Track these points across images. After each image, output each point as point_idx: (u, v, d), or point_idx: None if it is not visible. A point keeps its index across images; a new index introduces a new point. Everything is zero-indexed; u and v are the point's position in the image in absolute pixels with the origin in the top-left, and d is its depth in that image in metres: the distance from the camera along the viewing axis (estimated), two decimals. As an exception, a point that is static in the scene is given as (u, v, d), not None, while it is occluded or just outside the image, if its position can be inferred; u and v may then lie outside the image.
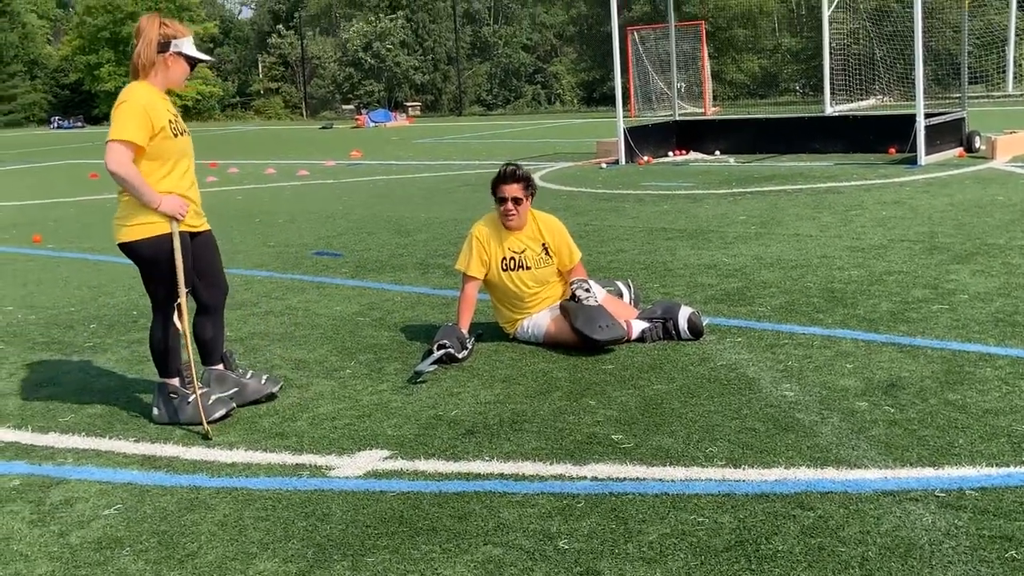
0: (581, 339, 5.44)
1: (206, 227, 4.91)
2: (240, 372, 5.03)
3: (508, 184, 5.71)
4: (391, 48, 48.88)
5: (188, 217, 4.69)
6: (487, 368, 5.33)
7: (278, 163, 19.94)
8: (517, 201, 5.72)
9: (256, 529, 3.57)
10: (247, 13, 67.67)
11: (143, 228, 4.60)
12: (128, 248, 4.66)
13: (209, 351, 4.98)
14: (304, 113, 51.02)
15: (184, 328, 4.71)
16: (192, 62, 4.76)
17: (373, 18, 49.66)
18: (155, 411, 4.79)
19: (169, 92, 4.79)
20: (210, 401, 4.71)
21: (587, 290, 5.66)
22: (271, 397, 4.98)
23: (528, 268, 5.76)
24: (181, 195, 4.65)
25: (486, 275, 5.79)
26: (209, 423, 4.57)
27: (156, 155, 4.58)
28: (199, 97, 53.58)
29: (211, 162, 20.96)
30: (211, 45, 58.67)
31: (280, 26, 55.76)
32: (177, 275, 4.61)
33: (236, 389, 4.90)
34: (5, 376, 5.72)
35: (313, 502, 3.76)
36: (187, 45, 4.71)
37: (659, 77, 28.09)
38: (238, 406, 4.85)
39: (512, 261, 5.75)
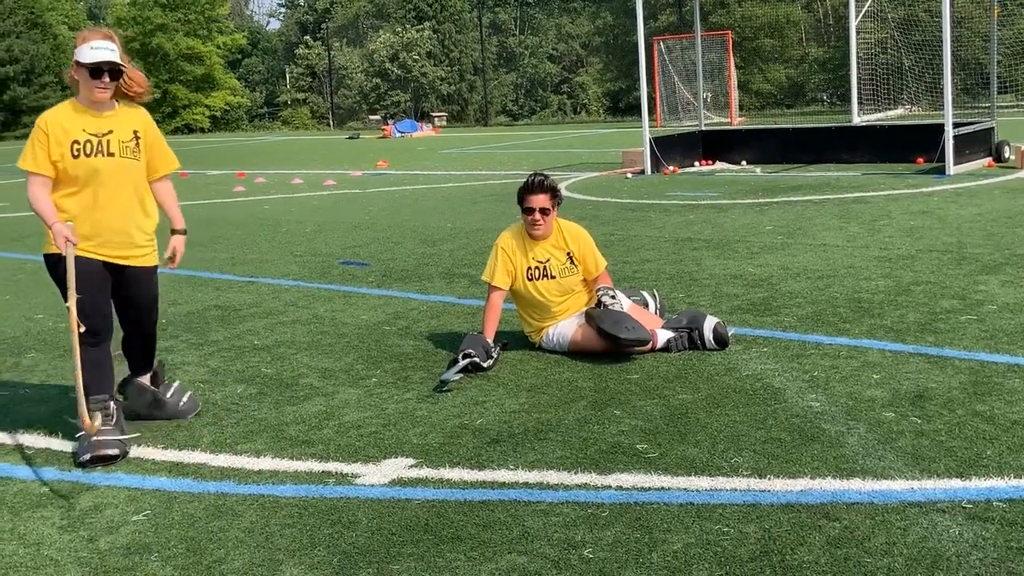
0: (606, 339, 5.45)
1: (141, 263, 4.75)
2: (164, 387, 4.97)
3: (535, 194, 5.73)
4: (417, 59, 49.07)
5: (106, 247, 4.56)
6: (512, 377, 5.35)
7: (305, 173, 20.06)
8: (544, 211, 5.73)
9: (282, 536, 3.59)
10: (275, 24, 68.19)
11: (48, 245, 4.55)
12: (48, 261, 4.63)
13: (134, 364, 4.94)
14: (331, 123, 51.29)
15: (75, 354, 4.33)
16: (91, 68, 4.44)
17: (400, 29, 49.88)
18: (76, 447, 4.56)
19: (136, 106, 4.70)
20: (103, 437, 4.41)
21: (613, 297, 5.68)
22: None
23: (553, 277, 5.77)
24: (88, 218, 4.49)
25: (511, 285, 5.81)
26: (84, 462, 4.36)
27: (63, 176, 4.48)
28: (227, 107, 53.97)
29: (239, 172, 21.12)
30: (239, 56, 59.15)
31: (307, 37, 56.12)
32: (68, 299, 4.33)
33: (152, 406, 4.89)
34: (36, 383, 5.79)
35: (339, 510, 3.78)
36: (83, 51, 4.44)
37: (685, 87, 28.05)
38: (158, 418, 4.85)
39: (537, 270, 5.77)
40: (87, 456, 4.37)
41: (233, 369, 5.83)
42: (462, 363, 5.30)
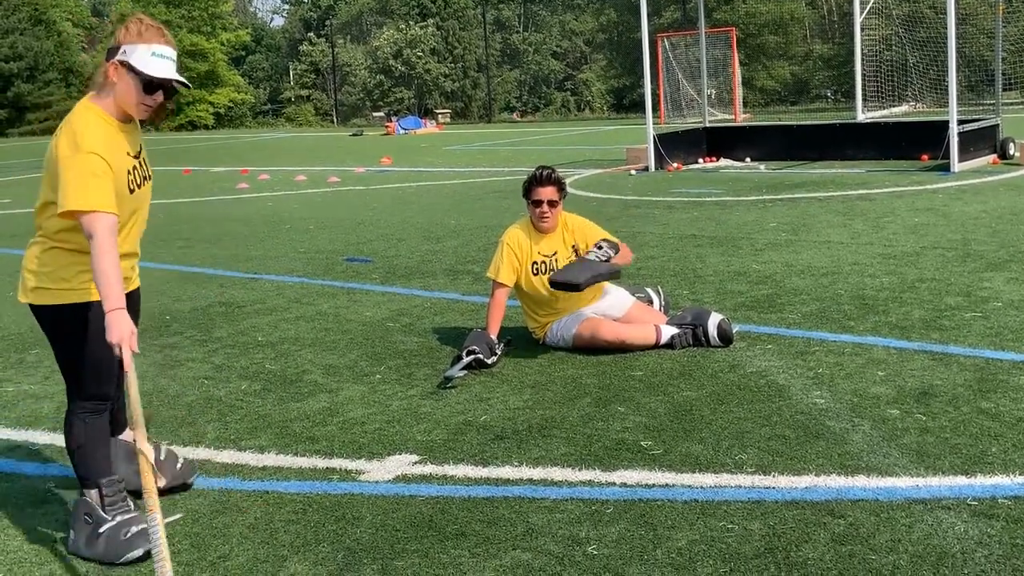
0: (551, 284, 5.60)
1: (137, 283, 3.82)
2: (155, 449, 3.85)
3: (543, 186, 5.73)
4: (421, 55, 49.09)
5: (126, 283, 3.50)
6: (516, 374, 5.34)
7: (309, 170, 20.06)
8: (552, 203, 5.74)
9: (287, 532, 3.60)
10: (279, 21, 68.19)
11: (69, 294, 3.52)
12: (47, 313, 3.56)
13: (117, 420, 3.90)
14: (335, 120, 51.31)
15: (131, 391, 3.38)
16: (146, 81, 3.43)
17: (404, 26, 49.91)
18: (71, 536, 3.58)
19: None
20: (129, 534, 3.50)
21: (600, 247, 5.65)
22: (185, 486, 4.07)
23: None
24: (122, 255, 3.46)
25: (516, 281, 5.80)
26: (121, 563, 3.46)
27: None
28: (231, 104, 54.00)
29: (242, 169, 21.13)
30: (243, 53, 59.16)
31: (311, 34, 56.16)
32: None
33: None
34: (40, 380, 5.79)
35: (343, 506, 3.78)
36: (139, 54, 3.42)
37: (689, 84, 28.03)
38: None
39: (543, 265, 5.77)
40: (133, 555, 3.47)
41: (237, 365, 5.84)
42: (466, 360, 5.30)
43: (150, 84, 3.44)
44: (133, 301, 3.67)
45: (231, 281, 8.41)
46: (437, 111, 44.71)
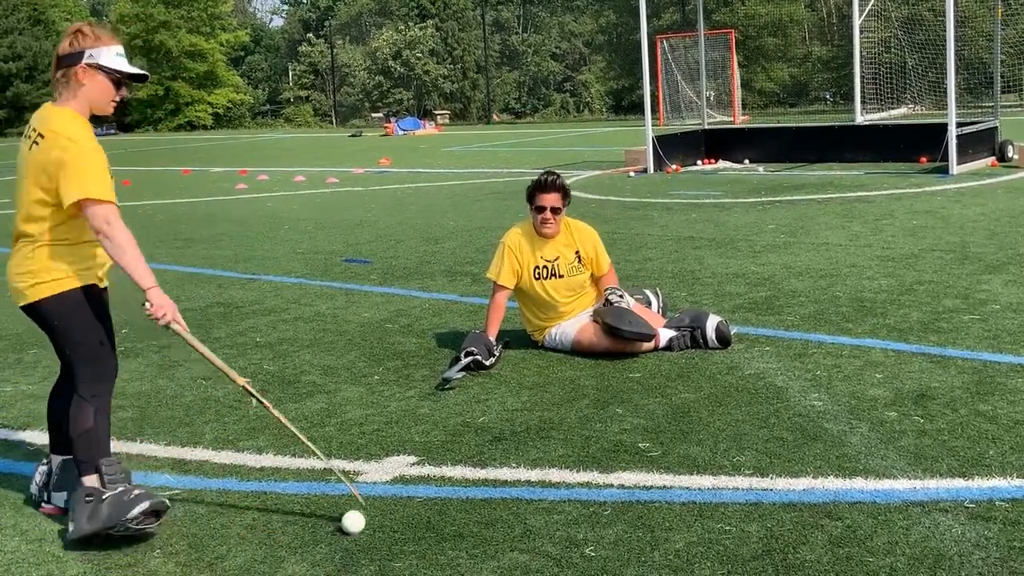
0: (610, 334, 5.45)
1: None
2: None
3: (548, 193, 5.72)
4: (420, 56, 49.10)
5: (100, 269, 3.81)
6: (515, 375, 5.34)
7: (307, 171, 20.06)
8: (555, 210, 5.73)
9: (284, 533, 3.60)
10: (278, 22, 68.21)
11: (61, 283, 3.66)
12: (46, 307, 3.67)
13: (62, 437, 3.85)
14: (333, 121, 51.32)
15: (201, 349, 3.88)
16: (116, 78, 3.69)
17: (403, 27, 49.93)
18: (70, 526, 3.61)
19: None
20: (132, 495, 3.59)
21: (620, 296, 5.70)
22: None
23: (561, 276, 5.77)
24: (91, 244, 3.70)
25: (516, 284, 5.80)
26: (129, 522, 3.54)
27: None
28: (230, 105, 53.98)
29: (241, 169, 21.12)
30: (242, 54, 59.18)
31: (310, 35, 56.17)
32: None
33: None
34: (39, 380, 5.79)
35: (341, 507, 3.78)
36: (106, 55, 3.66)
37: (688, 85, 28.04)
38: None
39: (545, 269, 5.76)
40: (139, 509, 3.55)
41: (235, 366, 5.83)
42: (464, 361, 5.30)
43: (119, 81, 3.70)
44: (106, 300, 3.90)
45: (229, 282, 8.41)
46: (436, 112, 44.71)
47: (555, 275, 5.75)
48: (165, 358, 6.06)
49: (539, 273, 5.75)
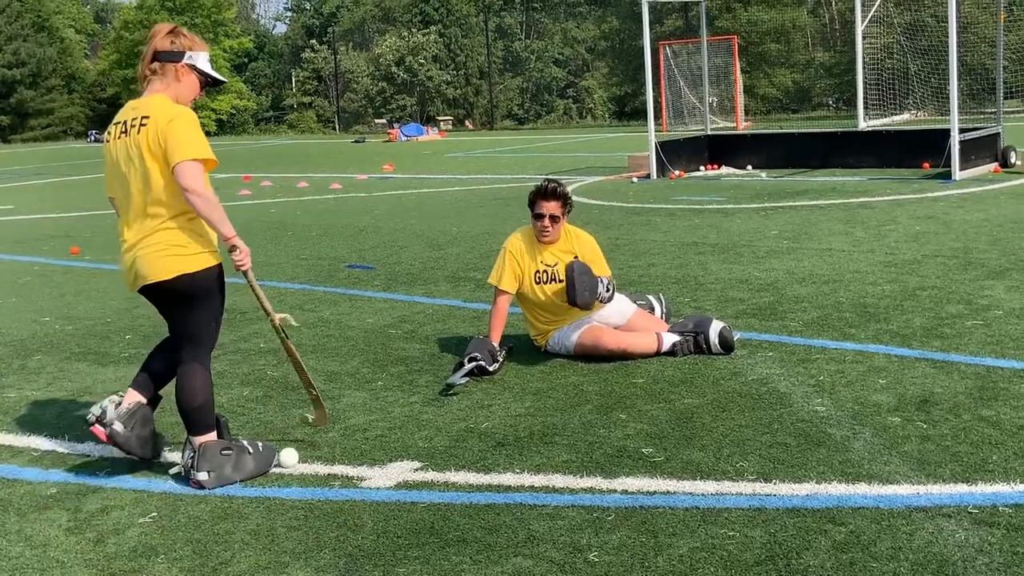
0: (567, 287, 5.56)
1: None
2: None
3: (548, 200, 5.72)
4: (423, 62, 49.13)
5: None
6: (518, 381, 5.35)
7: (311, 176, 20.08)
8: (554, 219, 5.73)
9: (288, 539, 3.60)
10: (281, 28, 68.34)
11: (201, 258, 4.18)
12: (185, 281, 4.14)
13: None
14: (337, 127, 51.36)
15: (293, 353, 4.52)
16: (203, 80, 4.28)
17: (406, 33, 49.96)
18: (203, 475, 4.11)
19: None
20: (263, 447, 4.28)
21: (607, 288, 5.68)
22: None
23: (561, 281, 5.77)
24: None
25: (518, 288, 5.81)
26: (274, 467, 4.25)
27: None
28: (234, 111, 54.05)
29: (244, 176, 21.15)
30: (246, 60, 59.25)
31: (314, 41, 56.21)
32: (260, 299, 4.42)
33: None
34: (43, 386, 5.80)
35: (345, 512, 3.79)
36: (202, 60, 4.26)
37: (691, 91, 28.04)
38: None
39: (545, 274, 5.77)
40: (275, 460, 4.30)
41: (239, 372, 5.85)
42: (468, 367, 5.31)
43: (205, 83, 4.28)
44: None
45: (233, 288, 8.34)
46: (439, 118, 44.74)
47: (555, 280, 5.76)
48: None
49: (539, 278, 5.76)
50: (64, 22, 59.26)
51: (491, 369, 5.40)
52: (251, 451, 4.21)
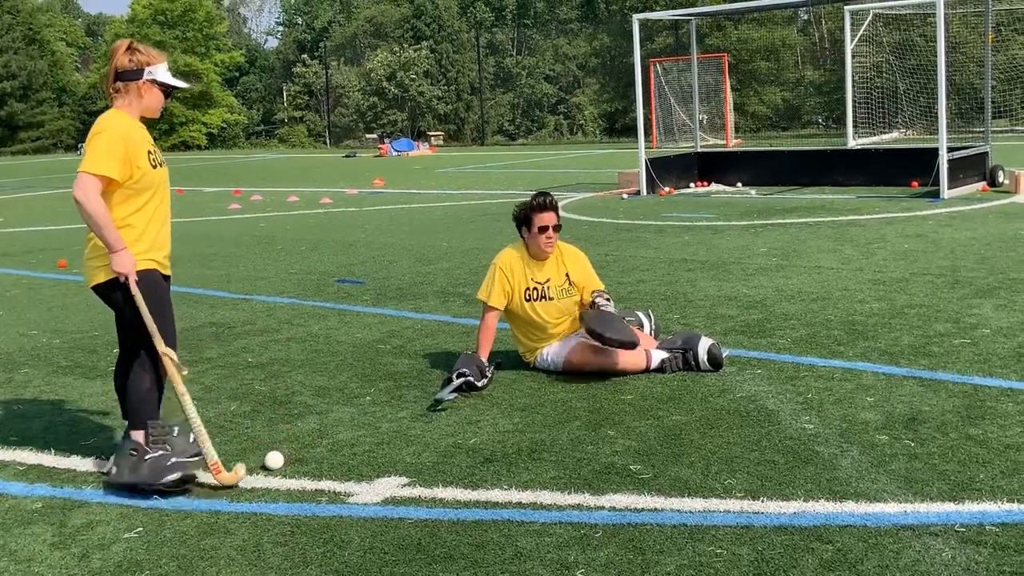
0: (591, 335, 5.48)
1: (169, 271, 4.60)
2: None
3: (547, 212, 5.74)
4: (415, 78, 49.22)
5: (163, 258, 4.45)
6: (506, 397, 5.34)
7: (301, 191, 20.08)
8: (557, 228, 5.76)
9: (274, 555, 3.58)
10: (273, 43, 68.42)
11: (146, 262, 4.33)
12: (110, 287, 4.29)
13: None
14: (328, 142, 51.37)
15: (176, 383, 4.33)
16: (167, 89, 4.47)
17: (397, 48, 50.05)
18: (112, 469, 4.33)
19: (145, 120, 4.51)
20: (170, 462, 4.21)
21: (607, 299, 5.71)
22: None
23: (551, 299, 5.78)
24: (155, 232, 4.38)
25: (507, 305, 5.81)
26: (161, 486, 4.15)
27: (133, 186, 4.28)
28: (224, 125, 54.05)
29: (235, 189, 21.14)
30: (237, 74, 59.30)
31: (305, 55, 56.27)
32: (147, 321, 4.28)
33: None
34: (29, 399, 5.77)
35: (331, 528, 3.77)
36: (161, 72, 4.42)
37: (681, 109, 28.16)
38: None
39: (535, 291, 5.77)
40: (171, 477, 4.18)
41: (227, 387, 5.83)
42: (456, 382, 5.30)
43: (168, 91, 4.49)
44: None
45: (222, 302, 8.41)
46: (430, 133, 44.79)
47: (545, 297, 5.76)
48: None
49: (529, 295, 5.76)
50: (55, 35, 59.24)
51: (479, 385, 5.39)
52: (148, 458, 4.20)
